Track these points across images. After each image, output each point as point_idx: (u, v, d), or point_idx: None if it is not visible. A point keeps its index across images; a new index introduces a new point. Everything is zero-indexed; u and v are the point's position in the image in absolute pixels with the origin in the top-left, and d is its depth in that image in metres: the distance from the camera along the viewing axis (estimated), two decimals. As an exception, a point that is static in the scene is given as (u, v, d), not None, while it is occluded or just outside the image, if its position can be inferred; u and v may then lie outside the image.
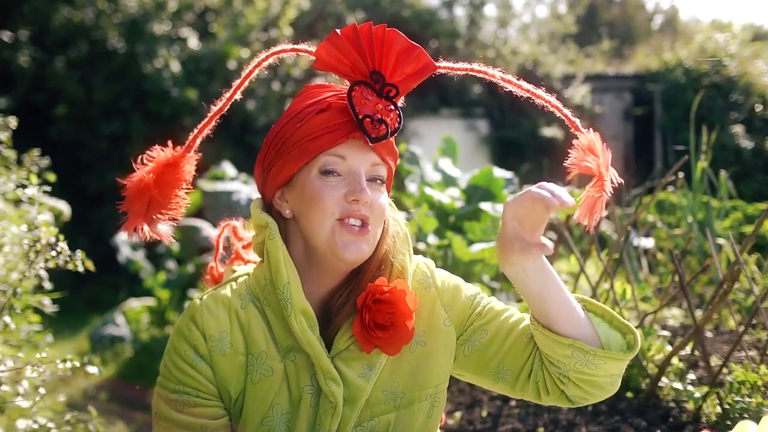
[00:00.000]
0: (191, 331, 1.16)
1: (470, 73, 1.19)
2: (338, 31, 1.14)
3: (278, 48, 1.22)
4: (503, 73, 1.18)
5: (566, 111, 1.17)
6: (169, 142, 1.22)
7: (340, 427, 1.16)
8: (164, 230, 1.20)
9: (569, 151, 1.12)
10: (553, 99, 1.17)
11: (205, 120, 1.23)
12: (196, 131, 1.23)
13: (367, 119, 1.12)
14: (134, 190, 1.17)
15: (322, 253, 1.15)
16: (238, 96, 1.25)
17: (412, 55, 1.14)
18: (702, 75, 9.99)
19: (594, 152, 1.10)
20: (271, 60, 1.23)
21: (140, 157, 1.20)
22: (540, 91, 1.18)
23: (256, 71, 1.23)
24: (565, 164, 1.12)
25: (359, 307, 1.16)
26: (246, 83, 1.24)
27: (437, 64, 1.17)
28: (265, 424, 1.15)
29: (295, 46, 1.21)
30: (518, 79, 1.18)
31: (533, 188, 1.03)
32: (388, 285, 1.17)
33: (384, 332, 1.14)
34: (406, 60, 1.14)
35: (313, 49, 1.18)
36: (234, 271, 1.33)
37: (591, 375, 1.11)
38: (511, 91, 1.19)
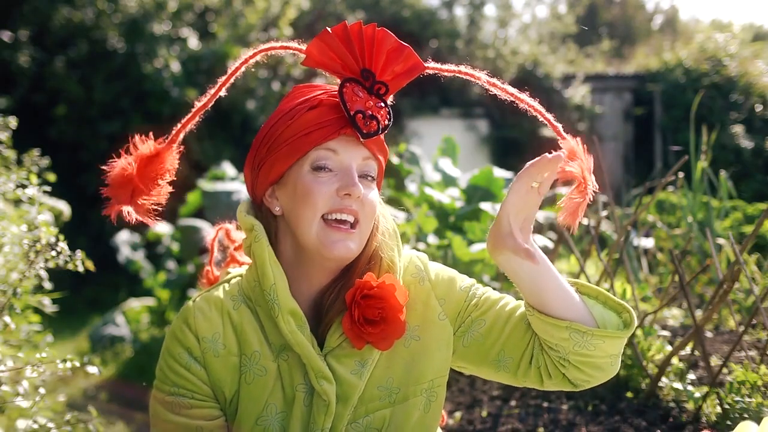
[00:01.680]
0: (184, 334, 1.17)
1: (457, 75, 1.20)
2: (329, 29, 1.14)
3: (267, 45, 1.22)
4: (489, 76, 1.18)
5: (549, 116, 1.18)
6: (151, 134, 1.21)
7: (334, 424, 1.16)
8: (149, 219, 1.19)
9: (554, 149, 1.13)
10: (536, 104, 1.18)
11: (190, 114, 1.22)
12: (180, 125, 1.22)
13: (359, 115, 1.12)
14: (117, 179, 1.16)
15: (311, 251, 1.16)
16: (223, 93, 1.23)
17: (402, 54, 1.15)
18: (702, 75, 9.99)
19: (576, 157, 1.11)
20: (259, 57, 1.22)
21: (125, 147, 1.19)
22: (524, 96, 1.18)
23: (243, 68, 1.22)
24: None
25: (348, 303, 1.16)
26: (232, 79, 1.22)
27: (426, 65, 1.18)
28: (260, 423, 1.16)
29: (284, 44, 1.21)
30: (503, 83, 1.18)
31: (521, 172, 1.08)
32: (376, 280, 1.17)
33: (374, 327, 1.15)
34: (395, 59, 1.15)
35: (304, 47, 1.18)
36: (229, 274, 1.34)
37: (590, 356, 1.11)
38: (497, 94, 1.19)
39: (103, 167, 1.18)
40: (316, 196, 1.13)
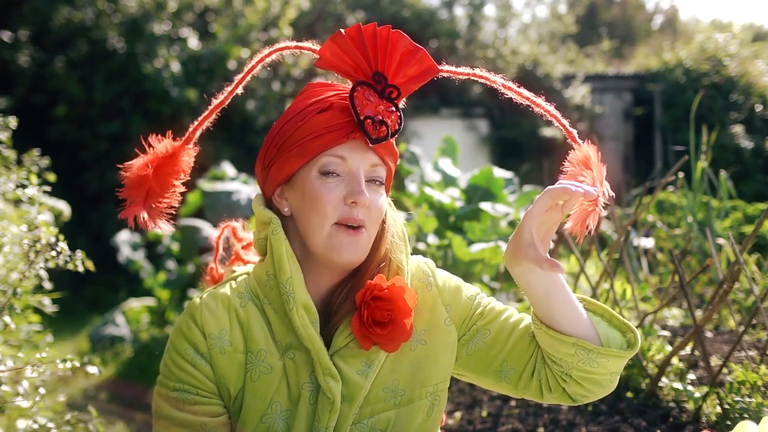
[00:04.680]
0: (191, 330, 1.17)
1: (472, 78, 1.20)
2: (342, 31, 1.14)
3: (282, 45, 1.22)
4: (504, 79, 1.18)
5: (564, 121, 1.18)
6: (169, 133, 1.23)
7: (339, 424, 1.16)
8: (163, 224, 1.22)
9: (568, 153, 1.13)
10: (552, 108, 1.18)
11: (206, 113, 1.24)
12: (195, 123, 1.24)
13: (368, 120, 1.12)
14: (133, 180, 1.19)
15: (319, 254, 1.16)
16: (239, 91, 1.25)
17: (416, 57, 1.15)
18: (702, 75, 10.00)
19: (589, 165, 1.11)
20: (274, 56, 1.23)
21: (144, 147, 1.21)
22: (540, 100, 1.18)
23: (259, 67, 1.24)
24: (560, 176, 1.13)
25: (358, 303, 1.16)
26: (248, 78, 1.24)
27: (440, 67, 1.18)
28: (264, 421, 1.16)
29: (299, 44, 1.22)
30: (518, 86, 1.18)
31: (552, 187, 1.06)
32: (386, 282, 1.17)
33: (383, 329, 1.15)
34: (409, 62, 1.15)
35: (317, 47, 1.18)
36: (234, 272, 1.34)
37: (592, 373, 1.12)
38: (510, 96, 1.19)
39: (121, 166, 1.20)
40: (325, 203, 1.13)
